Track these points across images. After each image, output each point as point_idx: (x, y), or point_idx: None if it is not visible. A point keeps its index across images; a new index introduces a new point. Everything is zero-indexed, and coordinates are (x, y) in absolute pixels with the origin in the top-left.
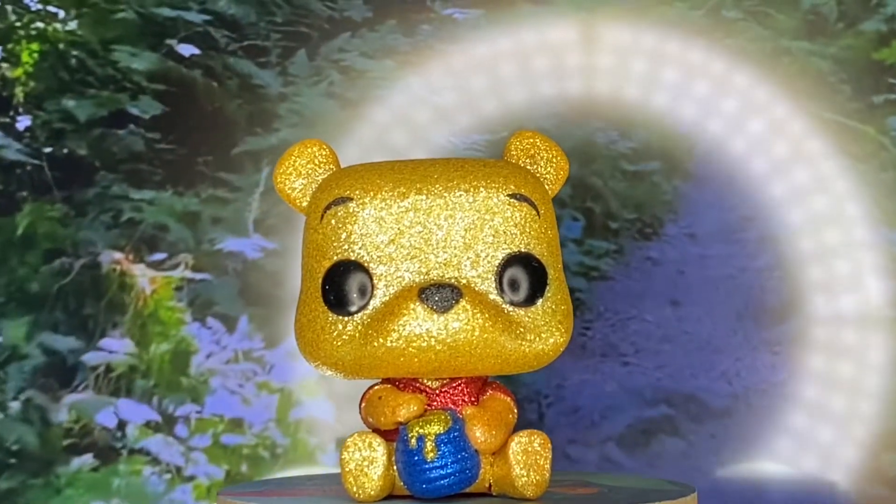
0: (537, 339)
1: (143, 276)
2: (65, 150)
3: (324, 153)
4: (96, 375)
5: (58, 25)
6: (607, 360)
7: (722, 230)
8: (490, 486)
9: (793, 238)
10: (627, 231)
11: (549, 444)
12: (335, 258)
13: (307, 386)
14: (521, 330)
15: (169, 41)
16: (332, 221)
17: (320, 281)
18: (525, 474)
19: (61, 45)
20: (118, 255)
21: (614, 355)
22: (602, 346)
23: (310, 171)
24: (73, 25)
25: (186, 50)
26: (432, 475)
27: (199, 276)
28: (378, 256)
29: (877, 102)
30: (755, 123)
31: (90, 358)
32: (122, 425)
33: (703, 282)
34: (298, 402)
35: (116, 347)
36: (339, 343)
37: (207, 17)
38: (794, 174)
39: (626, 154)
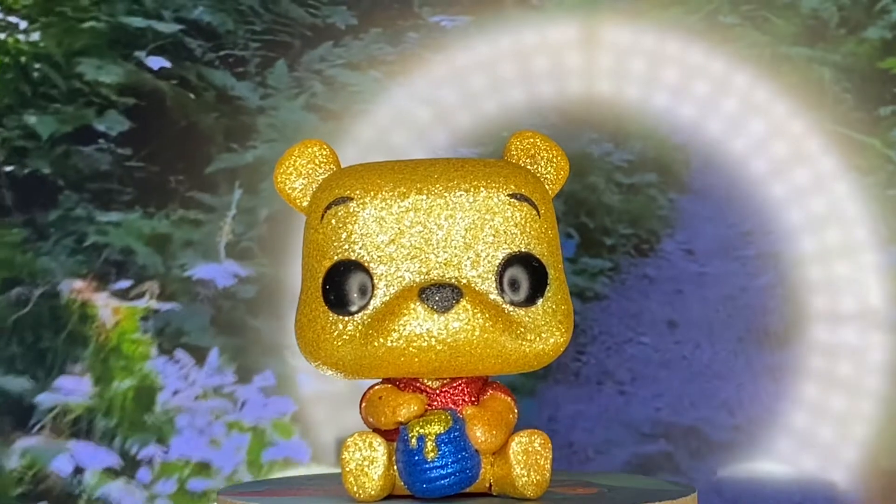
0: (537, 339)
1: (105, 306)
2: (26, 170)
3: (324, 153)
4: (54, 416)
5: (20, 37)
6: (603, 389)
7: (721, 246)
8: (490, 485)
9: (795, 255)
10: (623, 247)
11: (550, 444)
12: (335, 258)
13: (281, 425)
14: (522, 330)
15: (140, 52)
16: (333, 221)
17: (321, 281)
18: (525, 474)
19: (23, 58)
20: (79, 284)
21: (610, 383)
22: (597, 373)
23: (310, 171)
24: (35, 37)
25: (158, 61)
26: (432, 475)
27: (166, 305)
28: (378, 256)
29: (883, 114)
30: (754, 130)
31: (46, 398)
32: (78, 471)
33: (702, 302)
34: (272, 443)
35: (74, 387)
36: (340, 343)
37: (181, 27)
38: (796, 185)
39: (622, 166)
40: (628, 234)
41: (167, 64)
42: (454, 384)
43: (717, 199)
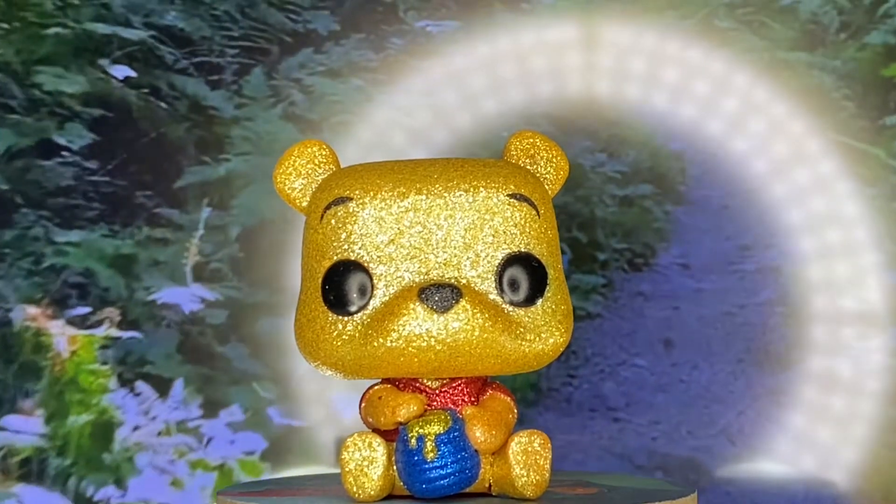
0: (537, 339)
1: (61, 334)
2: None
3: (324, 153)
4: (1, 457)
5: None
6: (596, 416)
7: (718, 260)
8: (490, 486)
9: (795, 269)
10: (616, 262)
11: (549, 444)
12: (335, 258)
13: (250, 464)
14: (521, 330)
15: (107, 60)
16: (332, 221)
17: (320, 281)
18: (525, 474)
19: None
20: (33, 310)
21: (603, 409)
22: (590, 399)
23: (310, 171)
24: None
25: (126, 70)
26: (432, 475)
27: (127, 333)
28: (378, 256)
29: (889, 123)
30: (752, 136)
31: None
32: None
33: (699, 320)
34: (239, 483)
35: (22, 425)
36: (339, 343)
37: (152, 33)
38: (796, 194)
39: (615, 178)
40: (622, 249)
41: (136, 72)
42: (454, 384)
43: (714, 209)
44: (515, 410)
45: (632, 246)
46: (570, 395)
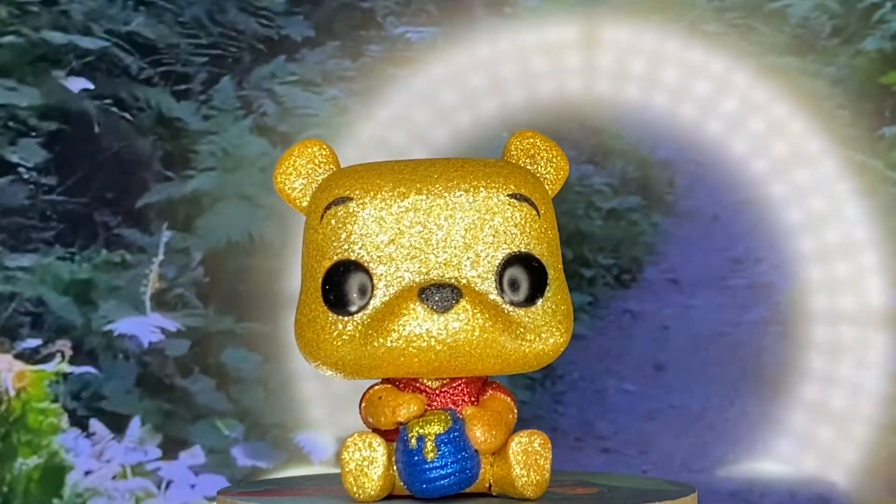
0: (537, 339)
1: (9, 370)
2: None
3: (324, 153)
4: None
5: None
6: (583, 446)
7: (708, 275)
8: (490, 486)
9: (790, 281)
10: (603, 278)
11: (549, 444)
12: (335, 258)
13: None
14: (521, 330)
15: (64, 70)
16: (332, 221)
17: (320, 281)
18: (525, 474)
19: None
20: None
21: (591, 438)
22: (577, 427)
23: (310, 171)
24: None
25: (86, 81)
26: (432, 475)
27: (81, 368)
28: (378, 256)
29: (889, 135)
30: (744, 143)
31: None
32: None
33: (690, 340)
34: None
35: None
36: (339, 343)
37: (115, 41)
38: (791, 202)
39: (602, 190)
40: (608, 265)
41: (96, 83)
42: (454, 384)
43: (703, 221)
44: (516, 410)
45: (619, 261)
46: (557, 423)
